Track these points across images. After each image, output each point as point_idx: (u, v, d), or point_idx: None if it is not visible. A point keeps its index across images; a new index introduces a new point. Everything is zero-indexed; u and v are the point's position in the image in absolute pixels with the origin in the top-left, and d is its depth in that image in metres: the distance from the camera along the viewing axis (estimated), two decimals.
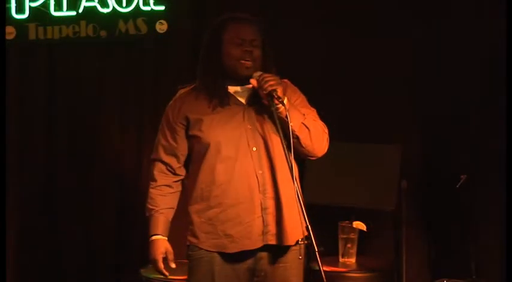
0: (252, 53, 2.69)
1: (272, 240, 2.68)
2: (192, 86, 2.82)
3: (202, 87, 2.76)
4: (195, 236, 2.72)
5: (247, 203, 2.66)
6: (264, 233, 2.67)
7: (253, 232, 2.66)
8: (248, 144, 2.69)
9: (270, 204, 2.68)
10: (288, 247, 2.71)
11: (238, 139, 2.68)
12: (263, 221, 2.67)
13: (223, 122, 2.70)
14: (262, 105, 2.69)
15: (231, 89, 2.75)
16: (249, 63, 2.69)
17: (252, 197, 2.66)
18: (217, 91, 2.73)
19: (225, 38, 2.72)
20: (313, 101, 4.03)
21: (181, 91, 2.83)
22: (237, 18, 2.77)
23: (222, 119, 2.70)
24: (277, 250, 2.71)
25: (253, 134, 2.70)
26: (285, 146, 2.60)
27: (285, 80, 2.81)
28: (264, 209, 2.67)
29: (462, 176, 3.67)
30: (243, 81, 2.72)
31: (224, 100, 2.72)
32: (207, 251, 2.70)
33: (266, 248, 2.69)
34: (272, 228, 2.68)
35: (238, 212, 2.66)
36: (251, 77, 2.67)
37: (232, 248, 2.67)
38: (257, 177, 2.67)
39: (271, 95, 2.61)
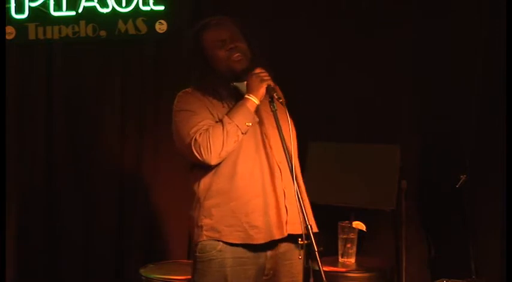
0: (238, 47, 2.72)
1: (295, 230, 2.66)
2: (191, 88, 2.81)
3: (206, 88, 2.75)
4: (216, 230, 2.67)
5: (271, 193, 2.67)
6: (288, 222, 2.68)
7: (279, 221, 2.67)
8: (265, 137, 2.72)
9: (290, 193, 2.67)
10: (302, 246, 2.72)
11: (255, 132, 2.70)
12: (287, 211, 2.68)
13: None
14: (265, 100, 2.71)
15: (237, 85, 2.76)
16: (238, 56, 2.72)
17: (275, 187, 2.68)
18: (225, 90, 2.74)
19: (206, 47, 2.75)
20: (312, 101, 4.06)
21: (184, 90, 2.82)
22: (207, 24, 2.79)
23: None
24: (289, 241, 2.71)
25: (267, 127, 2.73)
26: (285, 146, 2.61)
27: None
28: (286, 198, 2.68)
29: (462, 176, 3.67)
30: (240, 77, 2.74)
31: (232, 97, 2.73)
32: (220, 251, 2.67)
33: (272, 244, 2.69)
34: (293, 217, 2.66)
35: (264, 203, 2.66)
36: (247, 70, 2.70)
37: (260, 239, 2.65)
38: (279, 168, 2.69)
39: (271, 96, 2.65)
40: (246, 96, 2.68)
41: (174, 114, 2.76)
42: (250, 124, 2.66)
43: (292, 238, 2.69)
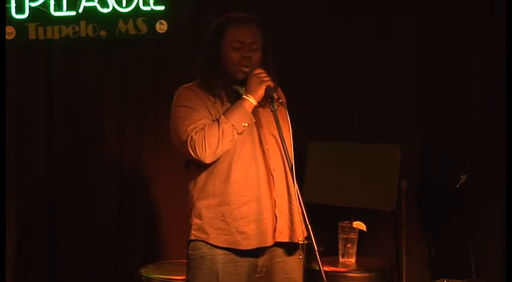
0: (251, 59, 2.71)
1: (283, 238, 2.70)
2: (193, 83, 2.81)
3: (206, 86, 2.75)
4: (203, 231, 2.69)
5: (263, 201, 2.68)
6: (276, 230, 2.69)
7: (268, 229, 2.68)
8: (261, 142, 2.71)
9: (282, 201, 2.70)
10: (292, 244, 2.72)
11: (252, 137, 2.70)
12: (276, 219, 2.68)
13: None
14: (264, 104, 2.71)
15: (238, 88, 2.76)
16: (246, 69, 2.71)
17: (267, 194, 2.68)
18: (224, 90, 2.74)
19: (224, 42, 2.72)
20: (312, 101, 4.06)
21: (185, 85, 2.82)
22: (236, 19, 2.77)
23: None
24: (280, 246, 2.72)
25: (264, 132, 2.73)
26: (285, 146, 2.61)
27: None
28: (276, 207, 2.69)
29: (462, 176, 3.67)
30: (240, 82, 2.74)
31: (232, 98, 2.73)
32: (211, 248, 2.68)
33: (260, 250, 2.70)
34: (282, 225, 2.69)
35: (255, 210, 2.67)
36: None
37: (247, 245, 2.67)
38: (272, 175, 2.69)
39: (271, 96, 2.65)
40: (244, 96, 2.68)
41: (174, 108, 2.76)
42: (247, 124, 2.66)
43: (282, 243, 2.71)
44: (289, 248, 2.73)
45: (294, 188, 2.60)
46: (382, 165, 3.80)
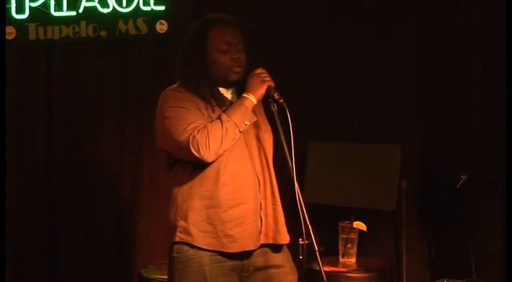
0: (240, 60, 2.70)
1: (267, 240, 2.70)
2: (177, 85, 2.77)
3: (194, 91, 2.71)
4: (188, 233, 2.66)
5: (250, 204, 2.67)
6: (262, 232, 2.69)
7: (254, 232, 2.68)
8: (247, 145, 2.71)
9: (267, 204, 2.71)
10: (281, 246, 2.74)
11: (239, 140, 2.68)
12: (261, 221, 2.69)
13: None
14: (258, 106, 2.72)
15: (222, 90, 2.75)
16: (238, 69, 2.70)
17: (254, 197, 2.68)
18: (211, 94, 2.72)
19: (209, 45, 2.70)
20: (312, 101, 4.07)
21: (171, 88, 2.79)
22: (218, 21, 2.75)
23: None
24: (265, 246, 2.72)
25: (250, 136, 2.73)
26: (285, 146, 2.61)
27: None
28: (262, 209, 2.69)
29: (462, 176, 3.67)
30: (231, 84, 2.74)
31: (220, 102, 2.71)
32: (197, 250, 2.65)
33: (246, 253, 2.70)
34: (267, 227, 2.70)
35: (241, 213, 2.66)
36: (240, 81, 2.70)
37: (233, 248, 2.66)
38: (258, 178, 2.70)
39: (272, 97, 2.66)
40: (245, 95, 2.67)
41: (164, 110, 2.70)
42: (249, 123, 2.66)
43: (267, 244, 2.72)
44: (274, 246, 2.74)
45: (296, 186, 2.59)
46: (382, 165, 3.80)
